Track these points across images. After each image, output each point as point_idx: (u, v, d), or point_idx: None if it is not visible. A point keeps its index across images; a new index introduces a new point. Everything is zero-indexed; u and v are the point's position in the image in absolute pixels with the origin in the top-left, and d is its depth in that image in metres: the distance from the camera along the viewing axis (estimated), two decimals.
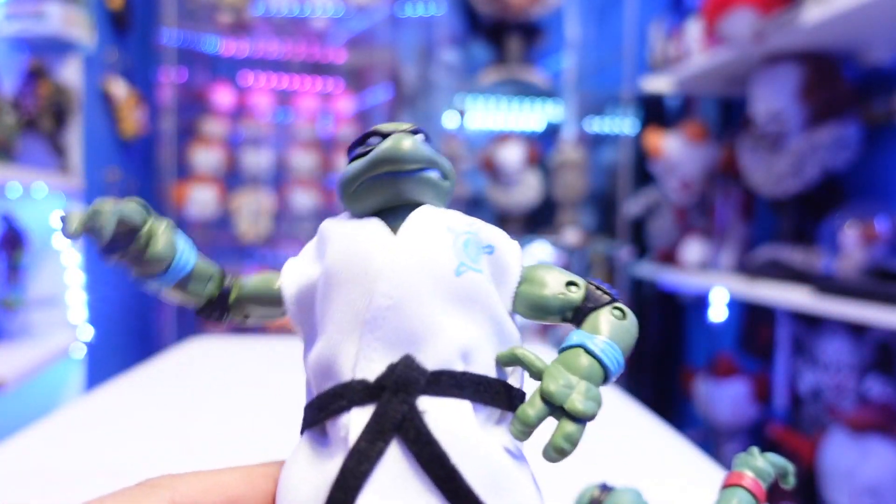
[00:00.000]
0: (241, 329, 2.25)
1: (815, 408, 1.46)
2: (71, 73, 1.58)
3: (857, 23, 1.21)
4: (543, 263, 0.22)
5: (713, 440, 1.78)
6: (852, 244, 1.26)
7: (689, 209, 1.98)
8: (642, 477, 0.21)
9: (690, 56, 1.73)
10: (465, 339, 0.19)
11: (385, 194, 0.21)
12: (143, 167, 2.22)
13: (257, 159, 2.23)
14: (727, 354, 1.81)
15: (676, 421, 1.71)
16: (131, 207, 0.21)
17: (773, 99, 1.43)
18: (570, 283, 0.21)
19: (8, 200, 1.49)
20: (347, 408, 0.19)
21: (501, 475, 0.18)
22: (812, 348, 1.47)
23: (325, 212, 2.27)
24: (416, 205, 0.21)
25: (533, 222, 2.21)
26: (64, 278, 1.60)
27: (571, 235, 2.07)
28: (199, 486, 0.21)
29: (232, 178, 2.25)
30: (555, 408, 0.18)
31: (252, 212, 2.18)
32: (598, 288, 0.21)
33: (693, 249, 1.82)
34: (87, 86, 1.68)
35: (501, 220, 2.18)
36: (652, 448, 0.63)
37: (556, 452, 0.18)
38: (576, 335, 0.20)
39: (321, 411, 0.20)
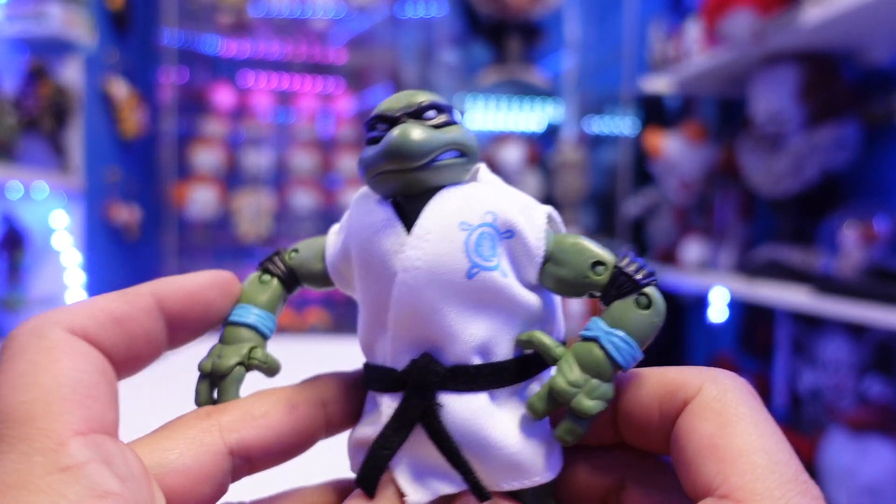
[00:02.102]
0: None
1: (815, 408, 1.46)
2: (71, 74, 1.58)
3: (857, 23, 1.21)
4: (572, 236, 0.21)
5: None
6: (852, 244, 1.26)
7: (689, 209, 1.98)
8: None
9: (690, 56, 1.73)
10: (480, 336, 0.20)
11: (398, 186, 0.20)
12: (143, 167, 2.22)
13: (257, 159, 2.23)
14: (727, 354, 1.81)
15: None
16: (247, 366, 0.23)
17: (773, 99, 1.43)
18: (596, 264, 0.20)
19: (8, 200, 1.49)
20: (382, 391, 0.21)
21: (511, 460, 0.20)
22: (812, 348, 1.48)
23: (326, 212, 2.27)
24: (436, 188, 0.21)
25: None
26: (64, 278, 1.61)
27: None
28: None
29: (232, 178, 2.25)
30: (561, 404, 0.19)
31: (252, 212, 2.18)
32: (623, 273, 0.20)
33: (693, 249, 1.82)
34: (87, 86, 1.68)
35: None
36: None
37: (561, 441, 0.20)
38: (594, 325, 0.20)
39: (368, 382, 0.22)
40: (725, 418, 0.17)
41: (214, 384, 0.23)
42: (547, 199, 2.16)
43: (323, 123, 2.33)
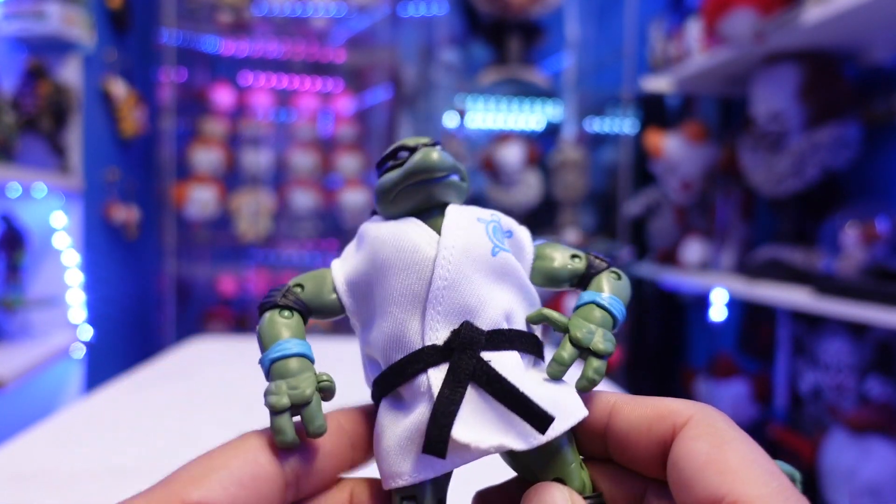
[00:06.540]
0: (240, 329, 2.25)
1: (816, 408, 1.46)
2: (71, 73, 1.58)
3: (857, 23, 1.21)
4: (549, 242, 0.27)
5: None
6: (852, 244, 1.26)
7: (690, 209, 1.98)
8: None
9: (690, 56, 1.73)
10: (506, 305, 0.24)
11: (419, 199, 0.25)
12: (143, 167, 2.22)
13: (257, 159, 2.23)
14: (727, 354, 1.81)
15: None
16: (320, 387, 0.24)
17: (774, 99, 1.43)
18: (573, 256, 0.26)
19: (8, 200, 1.49)
20: (424, 370, 0.23)
21: (557, 396, 0.23)
22: (812, 348, 1.47)
23: (325, 211, 2.27)
24: (444, 204, 0.25)
25: (533, 222, 2.18)
26: (64, 278, 1.60)
27: (571, 235, 2.07)
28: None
29: (232, 178, 2.25)
30: (582, 350, 0.24)
31: (252, 212, 2.18)
32: (596, 258, 0.26)
33: (693, 249, 1.82)
34: (86, 86, 1.68)
35: None
36: None
37: (588, 382, 0.23)
38: (586, 294, 0.25)
39: (398, 377, 0.24)
40: (719, 439, 0.19)
41: (293, 415, 0.24)
42: (547, 198, 2.16)
43: (323, 123, 2.33)
